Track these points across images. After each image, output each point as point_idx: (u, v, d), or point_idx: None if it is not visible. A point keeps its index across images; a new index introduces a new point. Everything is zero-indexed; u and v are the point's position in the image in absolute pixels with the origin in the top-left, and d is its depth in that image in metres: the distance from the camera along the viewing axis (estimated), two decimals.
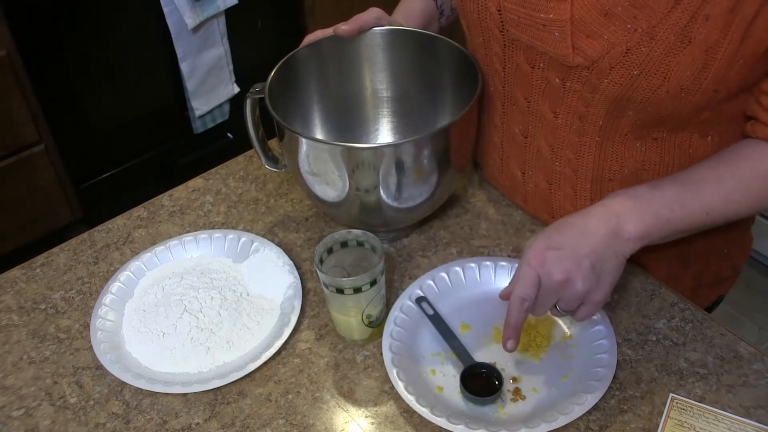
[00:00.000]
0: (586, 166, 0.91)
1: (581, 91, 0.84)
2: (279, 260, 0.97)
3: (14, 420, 0.83)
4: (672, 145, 0.87)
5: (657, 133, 0.86)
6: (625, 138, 0.87)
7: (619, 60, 0.78)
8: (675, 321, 0.89)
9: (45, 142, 1.96)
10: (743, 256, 1.07)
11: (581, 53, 0.80)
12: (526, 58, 0.87)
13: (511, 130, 0.96)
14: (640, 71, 0.77)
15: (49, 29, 1.85)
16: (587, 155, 0.90)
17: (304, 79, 1.03)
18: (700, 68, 0.76)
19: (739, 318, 2.12)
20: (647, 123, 0.84)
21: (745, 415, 0.79)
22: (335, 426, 0.81)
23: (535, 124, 0.92)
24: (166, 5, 1.93)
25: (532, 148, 0.95)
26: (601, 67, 0.79)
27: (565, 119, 0.88)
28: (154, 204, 1.10)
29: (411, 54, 1.04)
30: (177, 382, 0.84)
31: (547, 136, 0.92)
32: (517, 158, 0.98)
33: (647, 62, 0.76)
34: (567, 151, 0.91)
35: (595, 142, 0.88)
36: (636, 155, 0.88)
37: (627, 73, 0.78)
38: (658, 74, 0.77)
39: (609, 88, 0.80)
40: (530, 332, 0.87)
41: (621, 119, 0.84)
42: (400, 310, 0.89)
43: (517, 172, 0.99)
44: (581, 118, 0.87)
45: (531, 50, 0.85)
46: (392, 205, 0.92)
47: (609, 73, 0.79)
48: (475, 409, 0.80)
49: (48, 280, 1.00)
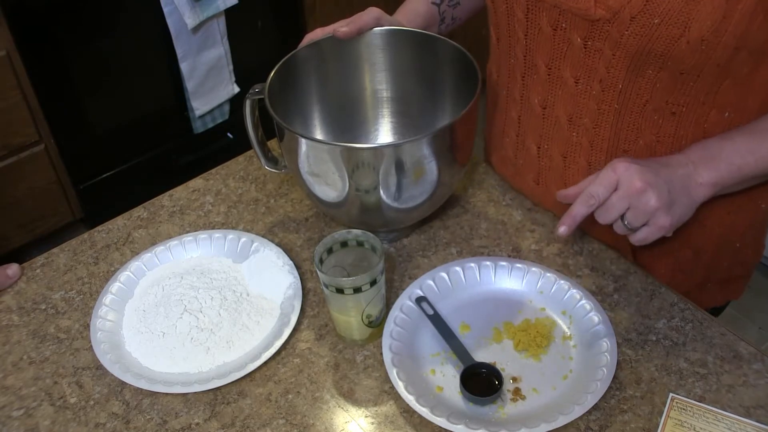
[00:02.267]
0: (602, 136, 0.92)
1: (602, 49, 0.85)
2: (279, 260, 0.97)
3: (14, 420, 0.83)
4: (689, 120, 0.88)
5: (675, 107, 0.86)
6: (643, 108, 0.88)
7: (640, 9, 0.79)
8: (675, 321, 0.89)
9: (45, 142, 1.97)
10: (756, 257, 1.07)
11: (603, 5, 0.81)
12: (548, 20, 0.88)
13: (531, 102, 0.97)
14: (661, 20, 0.78)
15: (49, 29, 1.85)
16: (605, 124, 0.91)
17: (304, 80, 1.03)
18: (721, 18, 0.76)
19: (739, 318, 2.12)
20: (667, 88, 0.85)
21: (745, 415, 0.79)
22: (335, 426, 0.81)
23: (554, 92, 0.94)
24: (166, 5, 1.93)
25: (550, 120, 0.96)
26: (622, 18, 0.80)
27: (585, 85, 0.90)
28: (154, 204, 1.10)
29: (411, 54, 1.04)
30: (177, 382, 0.84)
31: (566, 104, 0.93)
32: (534, 132, 1.00)
33: (668, 10, 0.77)
34: (585, 119, 0.92)
35: (613, 109, 0.89)
36: (652, 127, 0.89)
37: (648, 21, 0.79)
38: (678, 23, 0.78)
39: (630, 41, 0.82)
40: (530, 332, 0.87)
41: (641, 81, 0.85)
42: (400, 310, 0.89)
43: (533, 146, 1.01)
44: (601, 82, 0.88)
45: (554, 10, 0.87)
46: (392, 206, 0.92)
47: (630, 25, 0.80)
48: (475, 409, 0.80)
49: (48, 280, 1.00)
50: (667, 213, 0.80)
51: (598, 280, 0.94)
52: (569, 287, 0.90)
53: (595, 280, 0.94)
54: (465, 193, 1.08)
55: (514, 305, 0.91)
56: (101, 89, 2.02)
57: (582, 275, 0.95)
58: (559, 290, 0.90)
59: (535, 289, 0.92)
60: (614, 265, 0.96)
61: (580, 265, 0.96)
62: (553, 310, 0.90)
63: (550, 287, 0.91)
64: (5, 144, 1.89)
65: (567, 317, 0.89)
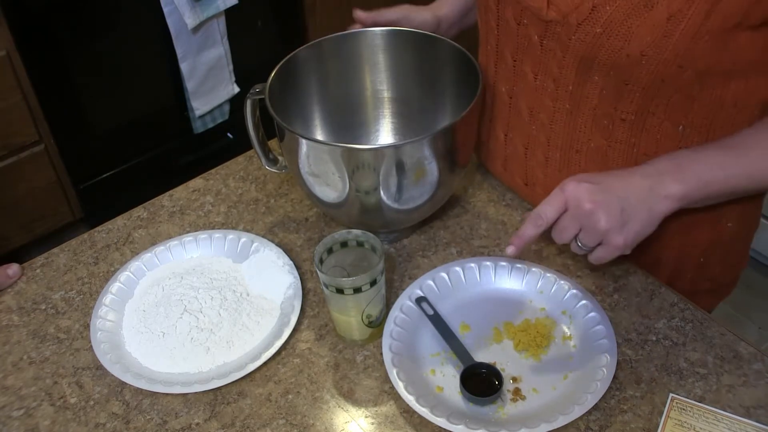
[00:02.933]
0: (557, 133, 0.93)
1: (555, 50, 0.86)
2: (279, 260, 0.97)
3: (14, 420, 0.83)
4: (639, 128, 0.87)
5: (624, 114, 0.86)
6: (593, 112, 0.88)
7: (585, 16, 0.79)
8: (675, 321, 0.89)
9: (45, 142, 1.97)
10: (727, 275, 1.06)
11: (555, 7, 0.82)
12: (513, 13, 0.89)
13: (499, 90, 0.99)
14: (603, 30, 0.79)
15: (49, 29, 1.85)
16: (559, 122, 0.92)
17: (304, 80, 1.03)
18: (661, 36, 0.76)
19: (739, 318, 2.12)
20: (613, 95, 0.85)
21: (745, 415, 0.79)
22: (335, 426, 0.81)
23: (518, 84, 0.95)
24: (166, 5, 1.93)
25: (514, 110, 0.98)
26: (570, 22, 0.81)
27: (542, 81, 0.91)
28: (154, 204, 1.10)
29: (411, 55, 1.04)
30: (177, 382, 0.84)
31: (527, 98, 0.94)
32: (501, 119, 1.01)
33: (610, 21, 0.78)
34: (542, 115, 0.94)
35: (566, 109, 0.90)
36: (603, 131, 0.89)
37: (591, 30, 0.80)
38: (619, 35, 0.78)
39: (576, 45, 0.82)
40: (530, 332, 0.87)
41: (589, 85, 0.86)
42: (400, 310, 0.89)
43: (500, 134, 1.02)
44: (555, 81, 0.89)
45: (517, 5, 0.88)
46: (392, 207, 0.92)
47: (576, 30, 0.81)
48: (475, 409, 0.80)
49: (48, 280, 1.00)
50: (619, 233, 0.78)
51: (598, 280, 0.94)
52: (569, 287, 0.90)
53: (595, 280, 0.94)
54: (465, 193, 1.08)
55: (514, 305, 0.91)
56: (101, 89, 2.02)
57: (582, 275, 0.95)
58: (559, 290, 0.90)
59: (535, 289, 0.92)
60: (614, 265, 0.96)
61: (580, 265, 0.96)
62: (553, 310, 0.90)
63: (550, 287, 0.91)
64: (5, 144, 1.89)
65: (567, 317, 0.89)
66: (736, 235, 1.01)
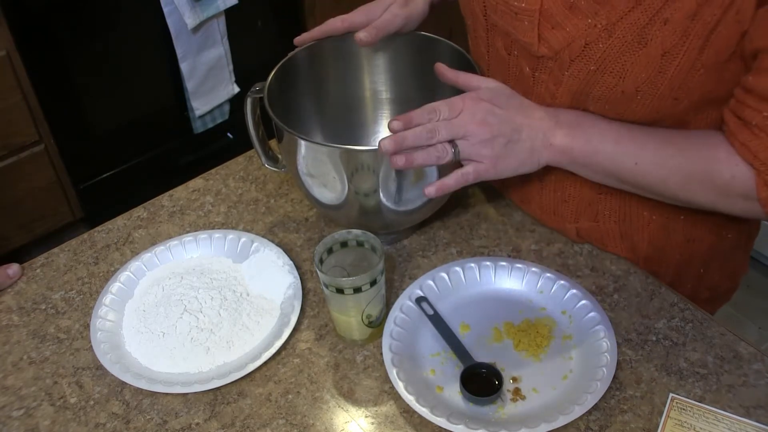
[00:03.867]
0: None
1: (547, 83, 0.85)
2: (279, 260, 0.97)
3: (14, 420, 0.83)
4: None
5: None
6: None
7: (578, 53, 0.79)
8: (675, 321, 0.89)
9: (45, 142, 1.97)
10: (726, 283, 1.06)
11: (546, 44, 0.81)
12: (503, 44, 0.88)
13: None
14: (597, 67, 0.78)
15: (49, 29, 1.85)
16: None
17: (303, 81, 1.03)
18: (656, 72, 0.76)
19: (739, 318, 2.13)
20: None
21: (745, 415, 0.79)
22: (335, 426, 0.81)
23: None
24: (166, 5, 1.93)
25: None
26: (562, 58, 0.81)
27: None
28: (154, 204, 1.10)
29: (411, 56, 1.04)
30: (177, 382, 0.84)
31: None
32: None
33: (604, 59, 0.77)
34: None
35: None
36: None
37: (585, 67, 0.79)
38: (614, 72, 0.78)
39: (570, 81, 0.82)
40: (530, 332, 0.87)
41: None
42: (400, 310, 0.89)
43: None
44: None
45: (507, 37, 0.87)
46: (392, 208, 0.92)
47: (569, 66, 0.81)
48: (475, 409, 0.80)
49: (48, 280, 1.00)
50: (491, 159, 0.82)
51: (598, 280, 0.94)
52: (569, 287, 0.90)
53: (595, 280, 0.94)
54: (465, 193, 1.08)
55: (514, 305, 0.91)
56: (101, 89, 2.02)
57: (582, 275, 0.95)
58: (559, 290, 0.90)
59: (535, 289, 0.92)
60: (614, 265, 0.96)
61: (580, 265, 0.96)
62: (553, 310, 0.90)
63: (550, 287, 0.91)
64: (5, 144, 1.89)
65: (567, 317, 0.89)
66: (736, 245, 1.01)
